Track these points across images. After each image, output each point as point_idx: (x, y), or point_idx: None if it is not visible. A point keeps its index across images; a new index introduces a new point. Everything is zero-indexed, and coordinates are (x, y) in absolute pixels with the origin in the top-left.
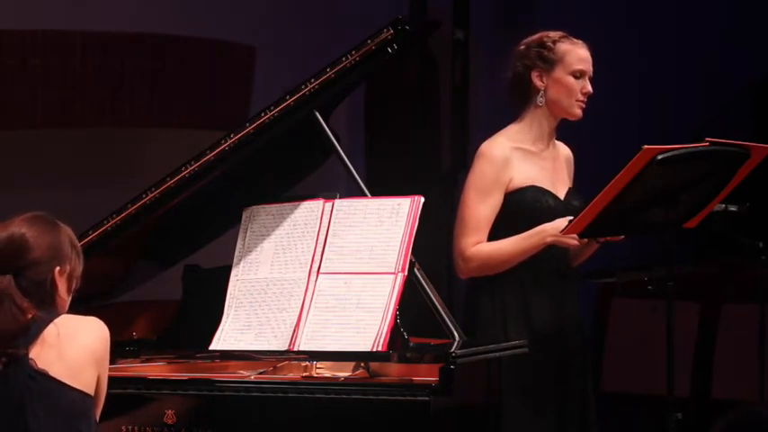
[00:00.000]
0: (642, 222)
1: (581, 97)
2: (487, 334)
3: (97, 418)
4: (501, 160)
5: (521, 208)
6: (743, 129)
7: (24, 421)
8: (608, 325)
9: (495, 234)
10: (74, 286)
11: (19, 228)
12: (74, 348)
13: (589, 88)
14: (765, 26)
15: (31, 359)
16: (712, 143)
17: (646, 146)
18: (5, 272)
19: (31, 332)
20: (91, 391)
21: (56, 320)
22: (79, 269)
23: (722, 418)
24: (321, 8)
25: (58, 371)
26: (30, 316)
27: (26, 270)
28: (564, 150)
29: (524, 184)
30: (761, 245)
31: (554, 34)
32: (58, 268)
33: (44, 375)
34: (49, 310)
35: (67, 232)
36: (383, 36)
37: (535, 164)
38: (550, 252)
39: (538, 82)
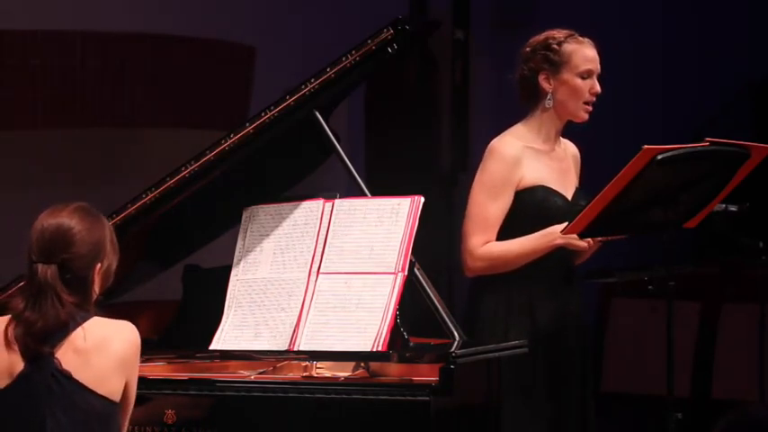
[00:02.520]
0: (642, 222)
1: (589, 98)
2: (487, 333)
3: (126, 423)
4: (513, 159)
5: (529, 207)
6: (743, 129)
7: (41, 420)
8: (608, 325)
9: (501, 232)
10: (107, 284)
11: (69, 219)
12: (102, 356)
13: (597, 88)
14: (765, 26)
15: (56, 359)
16: (712, 143)
17: (646, 146)
18: (51, 261)
19: (63, 331)
20: (116, 397)
21: (84, 324)
22: (114, 265)
23: (722, 418)
24: (321, 8)
25: (82, 375)
26: (67, 313)
27: (71, 263)
28: (571, 149)
29: (534, 184)
30: (761, 245)
31: (559, 34)
32: (98, 265)
33: (67, 377)
34: (85, 308)
35: (109, 227)
36: (383, 36)
37: (545, 164)
38: (558, 253)
39: (545, 85)
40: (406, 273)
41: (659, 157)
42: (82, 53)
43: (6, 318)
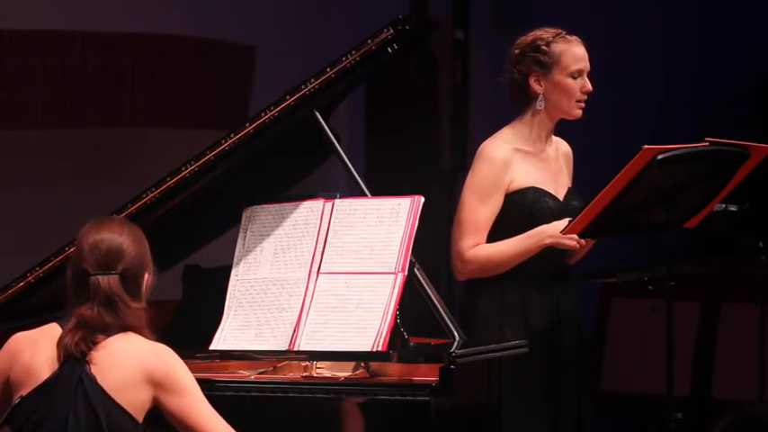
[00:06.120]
0: (642, 222)
1: (581, 96)
2: (486, 333)
3: None
4: (502, 162)
5: (520, 209)
6: (743, 129)
7: (65, 418)
8: (608, 325)
9: (492, 234)
10: (148, 296)
11: (118, 232)
12: (126, 367)
13: (589, 86)
14: (765, 26)
15: (88, 362)
16: (712, 143)
17: (646, 146)
18: (111, 272)
19: (102, 335)
20: (137, 413)
21: (122, 335)
22: (153, 276)
23: (722, 418)
24: (321, 8)
25: (105, 381)
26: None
27: (127, 272)
28: (563, 147)
29: (525, 185)
30: (761, 245)
31: (546, 35)
32: (146, 275)
33: (92, 380)
34: (142, 316)
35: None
36: (383, 36)
37: (535, 165)
38: (548, 252)
39: (536, 86)
40: (406, 273)
41: (659, 157)
42: (82, 53)
43: (53, 327)
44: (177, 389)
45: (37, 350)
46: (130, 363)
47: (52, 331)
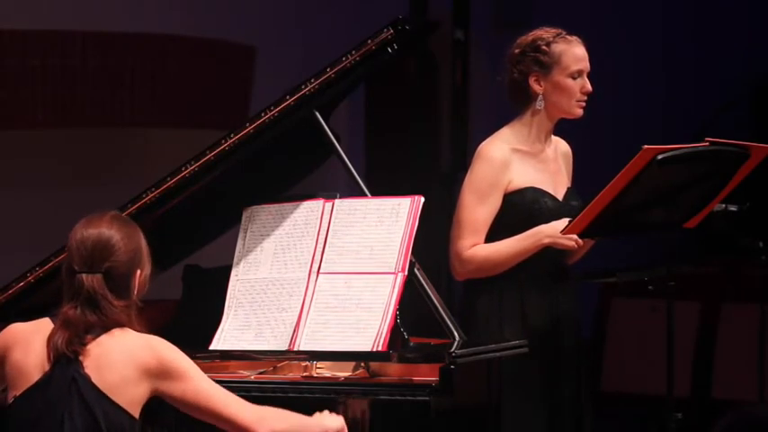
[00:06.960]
0: (642, 222)
1: (581, 97)
2: (485, 333)
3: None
4: (500, 163)
5: (520, 209)
6: (743, 129)
7: (60, 420)
8: (608, 325)
9: (491, 235)
10: (143, 291)
11: (108, 228)
12: (121, 365)
13: (588, 87)
14: (765, 26)
15: (80, 361)
16: (712, 143)
17: (646, 146)
18: (95, 271)
19: (91, 333)
20: (134, 410)
21: (113, 331)
22: (149, 272)
23: (722, 418)
24: (321, 8)
25: (100, 381)
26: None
27: (114, 270)
28: (562, 147)
29: (524, 186)
30: (761, 245)
31: (547, 35)
32: (138, 272)
33: (86, 380)
34: (128, 313)
35: (142, 235)
36: (383, 36)
37: (534, 165)
38: (547, 252)
39: (536, 86)
40: (406, 273)
41: (659, 157)
42: (82, 53)
43: (45, 323)
44: (176, 375)
45: (29, 348)
46: (124, 360)
47: (45, 326)
